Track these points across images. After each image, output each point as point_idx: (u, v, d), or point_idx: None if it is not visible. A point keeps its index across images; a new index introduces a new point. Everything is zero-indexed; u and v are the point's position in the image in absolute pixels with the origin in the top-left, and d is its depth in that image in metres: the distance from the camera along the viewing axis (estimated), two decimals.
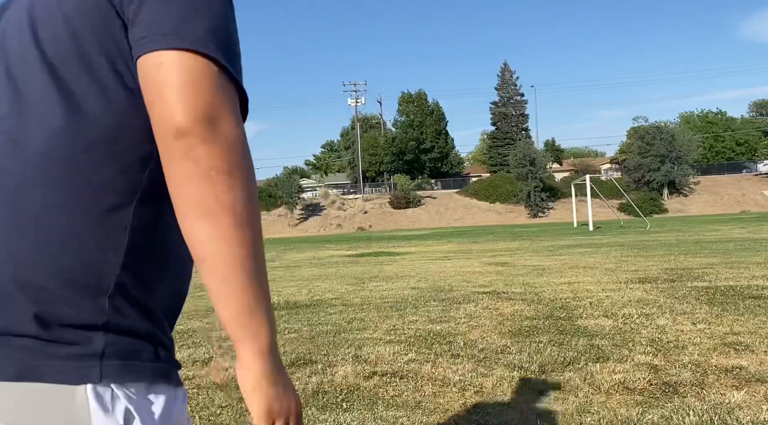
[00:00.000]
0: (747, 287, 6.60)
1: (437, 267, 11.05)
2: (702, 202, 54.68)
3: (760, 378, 3.31)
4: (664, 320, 5.03)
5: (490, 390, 3.35)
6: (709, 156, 67.80)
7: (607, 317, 5.24)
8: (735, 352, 3.89)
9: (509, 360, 3.95)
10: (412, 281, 8.92)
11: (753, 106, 73.12)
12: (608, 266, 9.82)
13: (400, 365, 3.96)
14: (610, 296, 6.44)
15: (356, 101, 67.07)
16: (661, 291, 6.67)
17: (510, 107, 64.28)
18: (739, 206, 52.70)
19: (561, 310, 5.72)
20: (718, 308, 5.42)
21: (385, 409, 3.10)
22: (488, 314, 5.68)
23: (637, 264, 9.88)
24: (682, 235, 18.54)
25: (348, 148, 72.41)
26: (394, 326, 5.33)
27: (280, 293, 8.18)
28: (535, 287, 7.47)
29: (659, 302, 5.95)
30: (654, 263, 9.98)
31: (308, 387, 3.57)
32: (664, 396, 3.11)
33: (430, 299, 6.85)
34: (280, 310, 6.65)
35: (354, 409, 3.13)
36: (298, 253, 18.78)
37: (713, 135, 70.08)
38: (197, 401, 3.39)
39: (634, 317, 5.22)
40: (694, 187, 56.81)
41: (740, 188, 56.83)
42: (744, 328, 4.57)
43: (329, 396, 3.37)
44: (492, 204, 53.78)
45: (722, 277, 7.61)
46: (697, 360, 3.73)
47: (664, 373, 3.50)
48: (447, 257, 13.68)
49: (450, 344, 4.51)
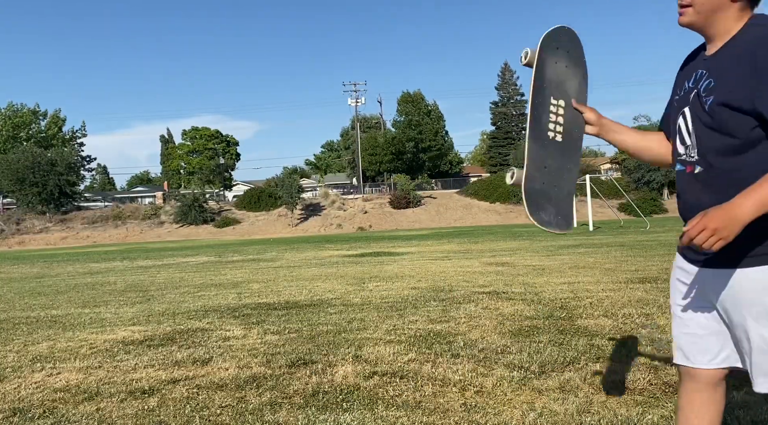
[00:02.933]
0: None
1: (437, 267, 11.05)
2: None
3: None
4: (664, 320, 5.03)
5: (490, 390, 3.35)
6: None
7: (607, 317, 5.24)
8: None
9: (509, 360, 3.95)
10: (412, 281, 8.92)
11: None
12: (608, 266, 9.82)
13: (400, 365, 3.96)
14: (610, 296, 6.44)
15: (356, 101, 67.03)
16: (661, 291, 6.67)
17: (510, 106, 64.26)
18: None
19: (561, 310, 5.72)
20: None
21: (385, 409, 3.10)
22: (488, 314, 5.68)
23: (637, 264, 9.88)
24: None
25: (348, 148, 72.40)
26: (394, 326, 5.33)
27: (281, 294, 8.18)
28: (535, 287, 7.46)
29: (659, 302, 5.95)
30: (654, 262, 9.98)
31: (308, 387, 3.57)
32: (665, 396, 3.11)
33: (430, 299, 6.84)
34: (280, 310, 6.65)
35: (354, 409, 3.13)
36: (298, 253, 18.77)
37: None
38: (197, 401, 3.39)
39: (634, 317, 5.22)
40: None
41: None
42: None
43: (329, 396, 3.37)
44: (492, 204, 53.73)
45: None
46: None
47: (665, 373, 3.50)
48: (447, 257, 13.68)
49: (450, 344, 4.51)
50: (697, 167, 1.69)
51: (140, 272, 14.04)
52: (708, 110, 1.63)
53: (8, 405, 3.45)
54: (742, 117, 1.56)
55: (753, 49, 1.54)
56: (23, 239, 51.26)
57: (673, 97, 1.83)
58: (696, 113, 1.68)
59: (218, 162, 71.42)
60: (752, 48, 1.55)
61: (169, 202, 59.01)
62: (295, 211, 53.30)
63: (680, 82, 1.79)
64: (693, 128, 1.70)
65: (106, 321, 6.50)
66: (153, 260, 18.55)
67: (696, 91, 1.69)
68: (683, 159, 1.74)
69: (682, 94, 1.76)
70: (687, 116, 1.72)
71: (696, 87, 1.69)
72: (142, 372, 4.11)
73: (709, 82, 1.65)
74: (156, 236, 51.21)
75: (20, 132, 64.05)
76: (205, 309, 7.01)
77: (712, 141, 1.64)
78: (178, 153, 76.94)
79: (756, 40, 1.56)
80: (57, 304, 8.26)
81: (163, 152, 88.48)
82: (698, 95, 1.67)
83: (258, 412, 3.14)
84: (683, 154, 1.74)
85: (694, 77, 1.71)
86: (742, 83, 1.55)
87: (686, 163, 1.73)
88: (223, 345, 4.90)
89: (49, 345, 5.21)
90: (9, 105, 66.38)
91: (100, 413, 3.25)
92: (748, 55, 1.54)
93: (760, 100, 1.51)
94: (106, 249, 32.57)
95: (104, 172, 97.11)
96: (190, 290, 9.18)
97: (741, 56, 1.57)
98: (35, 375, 4.17)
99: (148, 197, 71.48)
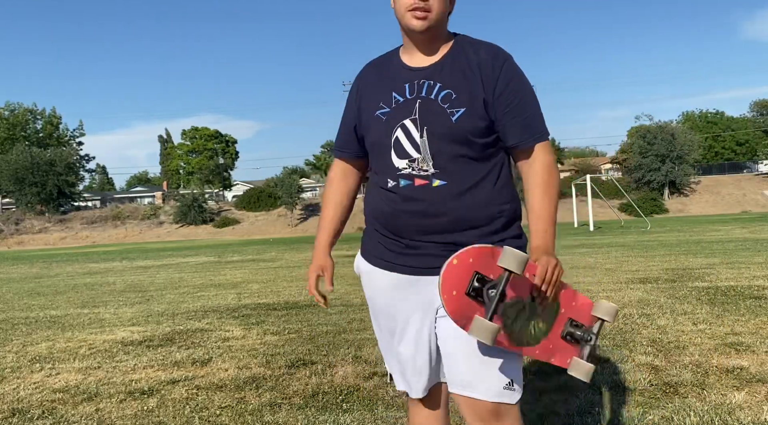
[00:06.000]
0: (748, 288, 6.59)
1: None
2: (703, 202, 54.67)
3: (761, 379, 3.30)
4: (664, 320, 5.02)
5: None
6: (708, 156, 67.74)
7: None
8: (736, 352, 3.88)
9: None
10: None
11: (753, 106, 73.06)
12: (609, 266, 9.81)
13: None
14: (610, 297, 6.43)
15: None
16: (662, 291, 6.66)
17: None
18: (739, 206, 52.69)
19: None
20: (719, 309, 5.41)
21: (385, 410, 3.09)
22: None
23: (637, 264, 9.87)
24: (683, 235, 18.54)
25: None
26: None
27: (280, 294, 8.18)
28: None
29: (660, 302, 5.94)
30: (655, 263, 9.97)
31: (308, 387, 3.56)
32: (665, 397, 3.10)
33: None
34: (280, 310, 6.64)
35: (354, 410, 3.12)
36: (298, 253, 18.77)
37: (713, 135, 70.00)
38: (197, 401, 3.38)
39: (634, 317, 5.21)
40: (694, 187, 56.79)
41: (741, 188, 56.82)
42: (745, 328, 4.56)
43: (329, 396, 3.36)
44: None
45: (723, 277, 7.60)
46: (698, 361, 3.72)
47: (665, 373, 3.49)
48: None
49: None
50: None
51: (139, 272, 14.04)
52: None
53: (7, 406, 3.44)
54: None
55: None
56: (22, 240, 51.25)
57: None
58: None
59: (218, 162, 71.42)
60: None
61: (169, 202, 59.03)
62: (294, 211, 53.29)
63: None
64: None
65: (106, 321, 6.48)
66: (152, 261, 18.55)
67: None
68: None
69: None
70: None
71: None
72: (141, 372, 4.10)
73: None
74: (155, 237, 51.22)
75: (17, 132, 63.95)
76: (205, 310, 7.00)
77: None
78: (178, 153, 76.95)
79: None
80: (56, 304, 8.25)
81: (162, 152, 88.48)
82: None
83: (257, 413, 3.13)
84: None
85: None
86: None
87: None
88: (222, 345, 4.89)
89: (48, 346, 5.20)
90: (7, 104, 66.37)
91: (100, 413, 3.24)
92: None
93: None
94: (105, 249, 32.57)
95: (103, 172, 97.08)
96: (189, 291, 9.18)
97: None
98: (34, 375, 4.15)
99: (147, 197, 71.50)
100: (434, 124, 1.61)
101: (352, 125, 1.79)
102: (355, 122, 1.78)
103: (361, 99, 1.77)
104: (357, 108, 1.77)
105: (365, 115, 1.74)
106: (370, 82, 1.77)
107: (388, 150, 1.66)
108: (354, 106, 1.79)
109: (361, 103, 1.76)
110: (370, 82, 1.77)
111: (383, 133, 1.68)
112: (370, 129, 1.71)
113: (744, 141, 69.68)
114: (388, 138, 1.66)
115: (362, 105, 1.76)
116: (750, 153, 68.62)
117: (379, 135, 1.68)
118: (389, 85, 1.71)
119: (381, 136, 1.68)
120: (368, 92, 1.75)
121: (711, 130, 70.61)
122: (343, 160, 1.87)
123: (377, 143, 1.70)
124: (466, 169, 1.62)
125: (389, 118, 1.67)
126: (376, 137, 1.69)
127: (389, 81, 1.72)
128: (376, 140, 1.70)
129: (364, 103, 1.75)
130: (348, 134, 1.81)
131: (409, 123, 1.64)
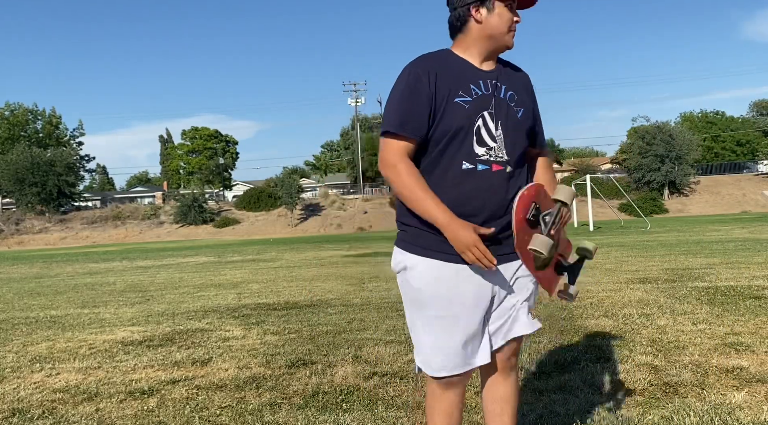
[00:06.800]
0: (748, 288, 6.59)
1: None
2: (702, 202, 54.67)
3: (761, 379, 3.30)
4: (664, 320, 5.02)
5: None
6: (708, 157, 67.70)
7: (607, 318, 5.23)
8: (736, 352, 3.88)
9: None
10: None
11: (753, 106, 73.03)
12: (609, 266, 9.81)
13: (400, 365, 3.95)
14: (610, 297, 6.43)
15: (356, 101, 67.06)
16: (662, 291, 6.66)
17: None
18: (739, 206, 52.69)
19: (561, 310, 5.71)
20: (719, 309, 5.41)
21: (385, 410, 3.10)
22: None
23: (637, 264, 9.88)
24: (683, 235, 18.54)
25: (348, 148, 72.39)
26: (394, 326, 5.32)
27: (280, 294, 8.18)
28: None
29: (660, 302, 5.94)
30: (654, 263, 9.98)
31: (308, 387, 3.56)
32: (665, 397, 3.10)
33: None
34: (280, 310, 6.64)
35: (354, 410, 3.12)
36: (298, 253, 18.77)
37: (713, 135, 69.96)
38: (197, 401, 3.38)
39: (634, 317, 5.21)
40: (694, 187, 56.79)
41: (741, 188, 56.82)
42: (745, 328, 4.56)
43: (329, 396, 3.36)
44: None
45: (723, 277, 7.60)
46: (698, 361, 3.72)
47: (665, 373, 3.49)
48: None
49: None
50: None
51: (140, 272, 14.04)
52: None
53: (7, 406, 3.44)
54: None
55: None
56: (22, 240, 51.24)
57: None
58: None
59: (218, 162, 71.41)
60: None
61: (169, 202, 58.97)
62: (294, 211, 53.28)
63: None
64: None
65: (106, 321, 6.49)
66: (152, 261, 18.55)
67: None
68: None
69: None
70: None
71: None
72: (141, 372, 4.10)
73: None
74: (155, 237, 51.19)
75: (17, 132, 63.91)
76: (205, 310, 7.00)
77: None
78: (178, 153, 76.92)
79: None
80: (56, 304, 8.25)
81: (162, 152, 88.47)
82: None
83: (258, 413, 3.13)
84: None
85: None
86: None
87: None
88: (222, 345, 4.89)
89: (49, 346, 5.20)
90: (7, 104, 66.32)
91: (100, 413, 3.24)
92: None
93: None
94: (105, 249, 32.56)
95: (103, 172, 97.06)
96: (189, 291, 9.18)
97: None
98: (34, 375, 4.16)
99: (147, 197, 71.48)
100: (507, 118, 1.88)
101: (428, 108, 1.83)
102: (431, 104, 1.83)
103: (437, 86, 1.83)
104: (432, 93, 1.83)
105: (441, 101, 1.83)
106: (442, 72, 1.85)
107: (470, 136, 1.83)
108: (428, 90, 1.83)
109: (437, 89, 1.83)
110: (442, 72, 1.85)
111: (466, 119, 1.83)
112: (451, 114, 1.83)
113: (744, 141, 69.64)
114: (471, 125, 1.83)
115: (438, 91, 1.83)
116: (750, 153, 68.59)
117: (461, 120, 1.82)
118: (466, 77, 1.86)
119: (463, 121, 1.83)
120: (443, 81, 1.84)
121: (711, 130, 70.58)
122: (411, 142, 1.84)
123: (459, 127, 1.83)
124: (523, 158, 1.94)
125: (471, 106, 1.84)
126: (458, 122, 1.83)
127: (463, 75, 1.86)
128: (458, 124, 1.83)
129: (440, 90, 1.83)
130: (424, 116, 1.84)
131: (487, 115, 1.85)
